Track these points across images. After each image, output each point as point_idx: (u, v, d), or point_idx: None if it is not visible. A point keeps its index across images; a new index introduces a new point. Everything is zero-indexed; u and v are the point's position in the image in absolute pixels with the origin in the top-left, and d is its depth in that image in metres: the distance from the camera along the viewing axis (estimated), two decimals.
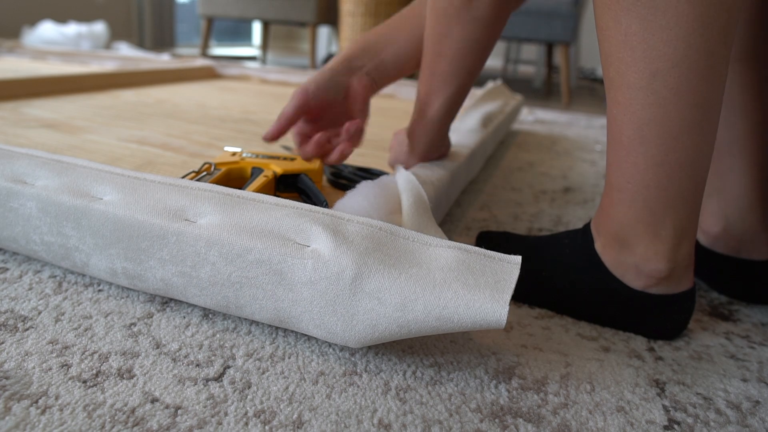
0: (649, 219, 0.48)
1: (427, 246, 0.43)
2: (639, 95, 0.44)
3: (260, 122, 1.09)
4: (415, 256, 0.42)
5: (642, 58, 0.43)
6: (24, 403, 0.36)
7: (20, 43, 2.31)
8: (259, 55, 3.63)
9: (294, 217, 0.44)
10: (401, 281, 0.40)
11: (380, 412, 0.39)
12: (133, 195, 0.48)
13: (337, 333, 0.42)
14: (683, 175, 0.46)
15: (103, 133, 0.91)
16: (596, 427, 0.39)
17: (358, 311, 0.41)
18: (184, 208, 0.46)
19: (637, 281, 0.50)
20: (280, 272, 0.42)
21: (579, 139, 1.56)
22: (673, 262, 0.49)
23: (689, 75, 0.42)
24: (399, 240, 0.44)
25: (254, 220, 0.45)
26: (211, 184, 0.50)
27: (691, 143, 0.44)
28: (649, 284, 0.50)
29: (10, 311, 0.47)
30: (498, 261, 0.42)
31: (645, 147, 0.45)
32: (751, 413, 0.42)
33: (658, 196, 0.47)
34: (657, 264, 0.49)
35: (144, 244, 0.46)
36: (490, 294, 0.39)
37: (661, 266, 0.49)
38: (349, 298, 0.41)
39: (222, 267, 0.44)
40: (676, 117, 0.43)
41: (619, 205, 0.49)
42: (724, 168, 0.60)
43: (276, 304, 0.43)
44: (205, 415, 0.37)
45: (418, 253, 0.43)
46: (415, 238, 0.44)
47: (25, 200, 0.50)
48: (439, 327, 0.40)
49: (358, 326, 0.41)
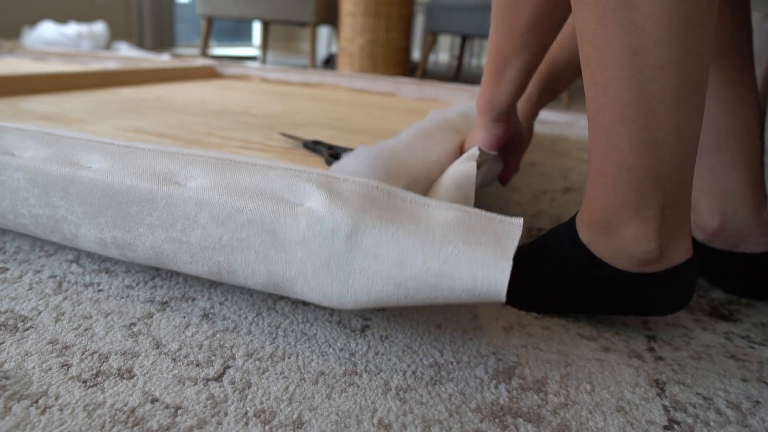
0: (635, 201, 0.46)
1: (426, 206, 0.42)
2: (619, 74, 0.42)
3: (260, 115, 1.09)
4: (413, 214, 0.41)
5: (622, 35, 0.40)
6: (24, 403, 0.36)
7: (21, 45, 2.31)
8: (259, 55, 3.63)
9: (287, 177, 0.43)
10: (399, 236, 0.39)
11: (380, 412, 0.39)
12: (122, 161, 0.47)
13: (333, 295, 0.41)
14: (669, 154, 0.44)
15: (99, 124, 0.91)
16: (596, 427, 0.39)
17: (354, 269, 0.40)
18: (174, 172, 0.45)
19: (629, 264, 0.49)
20: (272, 232, 0.41)
21: (579, 139, 1.56)
22: (661, 238, 0.47)
23: (672, 51, 0.39)
24: (396, 199, 0.42)
25: (246, 181, 0.43)
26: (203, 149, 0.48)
27: (677, 121, 0.42)
28: (642, 264, 0.48)
29: (10, 311, 0.47)
30: (499, 221, 0.41)
31: (627, 127, 0.43)
32: (751, 413, 0.42)
33: (643, 178, 0.44)
34: (647, 245, 0.47)
35: (133, 210, 0.45)
36: (493, 249, 0.38)
37: (651, 246, 0.47)
38: (344, 256, 0.39)
39: (213, 230, 0.43)
40: (660, 95, 0.41)
41: (603, 190, 0.47)
42: (713, 164, 0.60)
43: (269, 267, 0.42)
44: (205, 415, 0.37)
45: (416, 212, 0.41)
46: (412, 198, 0.43)
47: (12, 171, 0.49)
48: (438, 285, 0.38)
49: (354, 286, 0.40)
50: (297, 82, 1.79)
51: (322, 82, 1.79)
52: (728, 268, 0.61)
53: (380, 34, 2.41)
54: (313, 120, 1.08)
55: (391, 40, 2.44)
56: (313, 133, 0.94)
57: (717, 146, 0.59)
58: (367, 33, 2.41)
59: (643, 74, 0.41)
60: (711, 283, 0.63)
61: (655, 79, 0.41)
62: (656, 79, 0.41)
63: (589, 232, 0.50)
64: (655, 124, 0.42)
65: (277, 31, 5.19)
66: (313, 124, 1.02)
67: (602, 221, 0.49)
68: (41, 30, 2.74)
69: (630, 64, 0.41)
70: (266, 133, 0.91)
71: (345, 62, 2.50)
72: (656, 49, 0.40)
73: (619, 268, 0.49)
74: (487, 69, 0.63)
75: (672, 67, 0.40)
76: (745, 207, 0.59)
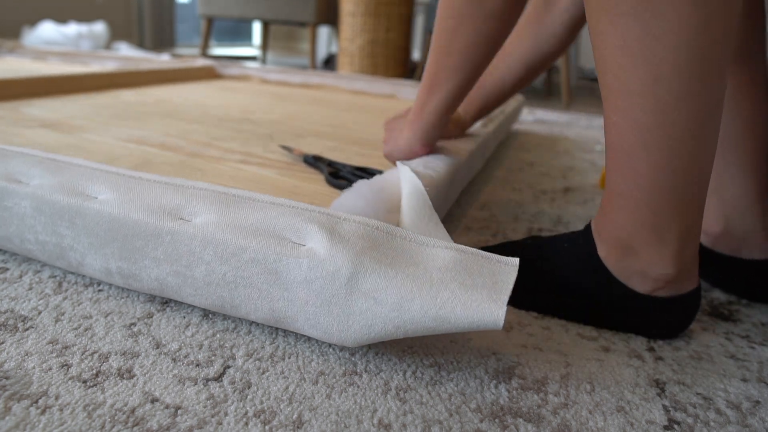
0: (654, 224, 0.47)
1: (424, 246, 0.43)
2: (640, 101, 0.43)
3: (259, 122, 1.09)
4: (411, 256, 0.42)
5: (643, 64, 0.42)
6: (24, 403, 0.36)
7: (21, 44, 2.31)
8: (259, 55, 3.63)
9: (289, 215, 0.44)
10: (398, 281, 0.40)
11: (380, 412, 0.39)
12: (128, 194, 0.48)
13: (333, 333, 0.42)
14: (687, 179, 0.45)
15: (101, 132, 0.91)
16: (596, 427, 0.39)
17: (354, 311, 0.41)
18: (179, 207, 0.46)
19: (643, 285, 0.50)
20: (275, 272, 0.42)
21: (579, 139, 1.56)
22: (679, 264, 0.48)
23: (692, 79, 0.41)
24: (396, 239, 0.44)
25: (249, 218, 0.44)
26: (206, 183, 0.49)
27: (695, 146, 0.44)
28: (655, 288, 0.49)
29: (10, 311, 0.47)
30: (496, 262, 0.42)
31: (648, 153, 0.44)
32: (751, 413, 0.42)
33: (662, 201, 0.46)
34: (664, 268, 0.48)
35: (138, 243, 0.46)
36: (488, 294, 0.39)
37: (668, 270, 0.48)
38: (344, 298, 0.41)
39: (217, 266, 0.44)
40: (680, 121, 0.43)
41: (622, 211, 0.49)
42: (719, 169, 0.60)
43: (271, 304, 0.43)
44: (205, 415, 0.37)
45: (414, 253, 0.43)
46: (411, 238, 0.44)
47: (19, 199, 0.50)
48: (435, 327, 0.40)
49: (354, 326, 0.41)
50: (297, 83, 1.79)
51: (321, 84, 1.78)
52: (731, 273, 0.61)
53: (380, 34, 2.41)
54: (313, 127, 1.08)
55: (391, 40, 2.44)
56: (312, 143, 0.94)
57: (724, 150, 0.59)
58: (367, 33, 2.41)
59: (662, 101, 0.42)
60: (713, 286, 0.63)
61: (675, 107, 0.42)
62: (677, 107, 0.42)
63: (607, 249, 0.51)
64: (676, 151, 0.44)
65: (277, 31, 5.19)
66: (312, 133, 1.02)
67: (619, 241, 0.50)
68: (41, 30, 2.74)
69: (652, 93, 0.42)
70: (266, 144, 0.91)
71: (345, 62, 2.50)
72: (677, 78, 0.41)
73: (630, 288, 0.50)
74: (420, 87, 0.66)
75: (692, 96, 0.42)
76: (750, 212, 0.59)
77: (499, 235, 0.74)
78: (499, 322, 0.38)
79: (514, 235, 0.75)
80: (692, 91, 0.42)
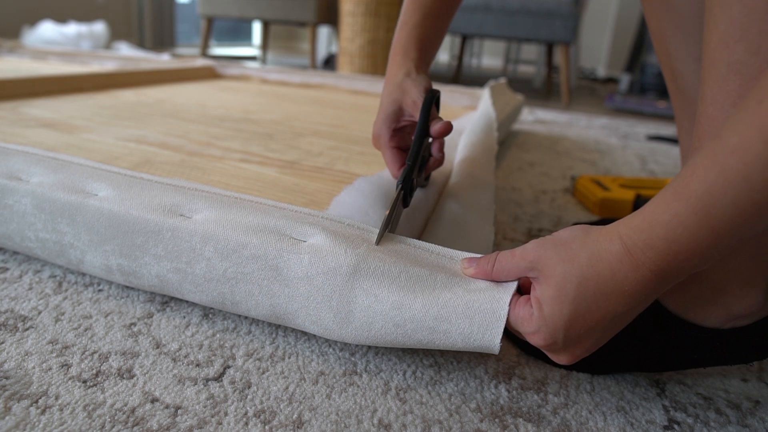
0: (746, 265, 0.41)
1: (429, 253, 0.43)
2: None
3: (260, 122, 1.09)
4: (416, 259, 0.42)
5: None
6: (24, 403, 0.36)
7: (21, 44, 2.30)
8: (259, 55, 3.63)
9: (290, 219, 0.45)
10: (401, 279, 0.40)
11: (380, 412, 0.39)
12: (128, 191, 0.48)
13: (333, 329, 0.42)
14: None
15: (101, 132, 0.91)
16: (596, 427, 0.39)
17: (355, 308, 0.41)
18: (179, 205, 0.46)
19: (718, 320, 0.43)
20: (276, 267, 0.42)
21: (579, 139, 1.56)
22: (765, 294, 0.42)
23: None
24: (399, 245, 0.43)
25: (250, 216, 0.44)
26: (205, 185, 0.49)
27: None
28: (734, 319, 0.43)
29: (10, 311, 0.47)
30: None
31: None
32: (751, 413, 0.42)
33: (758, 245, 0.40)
34: (753, 298, 0.42)
35: (139, 240, 0.46)
36: (491, 295, 0.39)
37: (758, 299, 0.42)
38: (345, 294, 0.41)
39: (217, 263, 0.44)
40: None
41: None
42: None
43: (272, 300, 0.43)
44: (205, 415, 0.37)
45: (420, 257, 0.43)
46: (416, 244, 0.44)
47: (20, 197, 0.50)
48: (435, 328, 0.40)
49: (355, 323, 0.41)
50: (297, 83, 1.79)
51: (321, 84, 1.78)
52: None
53: (380, 34, 2.41)
54: (313, 127, 1.08)
55: (390, 40, 2.44)
56: (312, 143, 0.94)
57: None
58: (367, 33, 2.41)
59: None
60: None
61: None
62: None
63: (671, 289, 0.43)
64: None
65: (277, 31, 5.19)
66: (312, 133, 1.02)
67: (694, 284, 0.43)
68: (41, 30, 2.74)
69: None
70: (266, 143, 0.91)
71: (345, 62, 2.50)
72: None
73: (701, 324, 0.43)
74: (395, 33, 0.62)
75: None
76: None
77: (499, 235, 0.74)
78: (501, 322, 0.38)
79: (514, 235, 0.75)
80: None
